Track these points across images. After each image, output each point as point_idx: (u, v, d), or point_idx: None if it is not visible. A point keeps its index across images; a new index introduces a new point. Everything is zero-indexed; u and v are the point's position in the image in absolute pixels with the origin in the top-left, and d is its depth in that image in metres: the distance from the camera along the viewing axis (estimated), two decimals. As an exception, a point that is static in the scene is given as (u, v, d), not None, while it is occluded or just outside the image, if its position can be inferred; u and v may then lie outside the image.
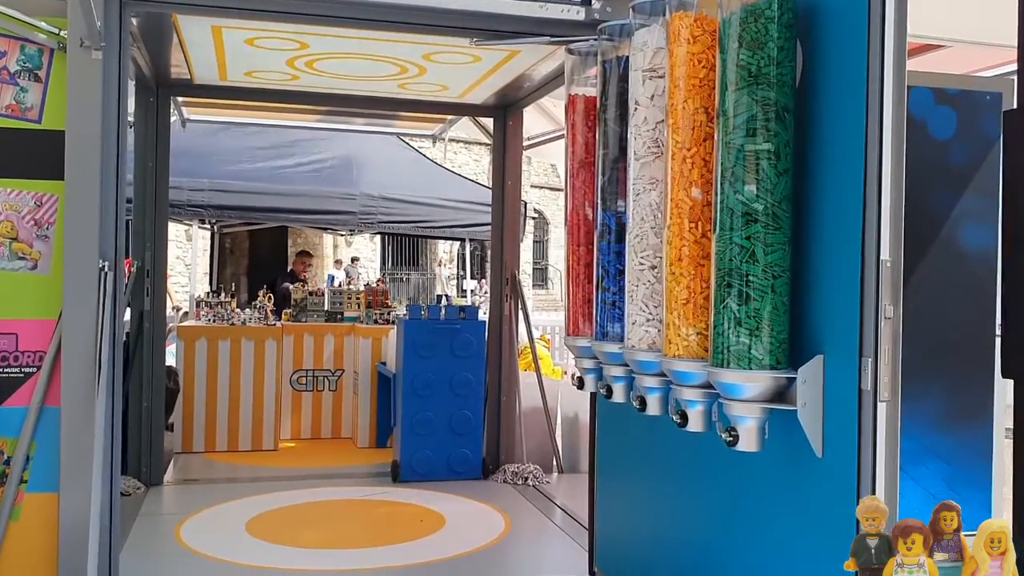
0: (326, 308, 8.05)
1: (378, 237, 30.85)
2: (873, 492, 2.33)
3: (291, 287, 8.13)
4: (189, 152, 8.26)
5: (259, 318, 7.51)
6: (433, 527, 5.10)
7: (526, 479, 6.16)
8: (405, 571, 4.36)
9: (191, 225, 10.49)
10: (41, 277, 3.83)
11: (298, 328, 7.88)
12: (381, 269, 30.32)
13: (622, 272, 3.44)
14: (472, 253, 35.93)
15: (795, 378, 2.56)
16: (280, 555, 4.58)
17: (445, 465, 6.22)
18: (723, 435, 2.65)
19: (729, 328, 2.60)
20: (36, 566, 3.80)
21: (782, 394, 2.60)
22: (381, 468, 6.63)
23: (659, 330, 3.14)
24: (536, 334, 7.28)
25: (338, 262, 20.07)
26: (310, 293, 8.10)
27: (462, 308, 6.36)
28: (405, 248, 32.85)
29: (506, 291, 6.49)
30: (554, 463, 6.63)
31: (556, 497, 5.79)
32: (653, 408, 3.23)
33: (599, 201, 3.54)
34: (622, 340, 3.41)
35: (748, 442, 2.62)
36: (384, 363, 7.44)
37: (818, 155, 2.59)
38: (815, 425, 2.53)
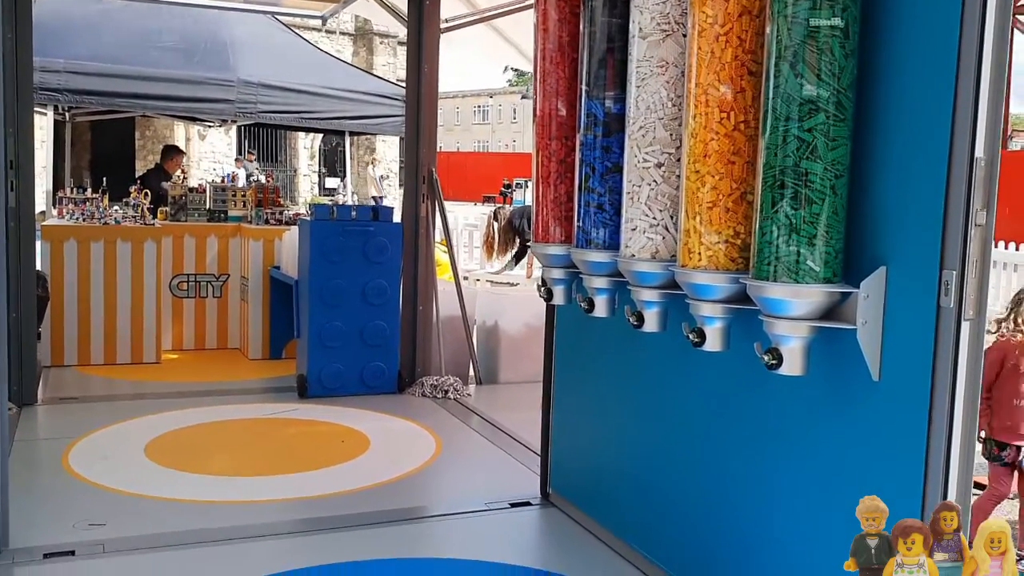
0: (208, 207, 7.29)
1: (234, 131, 29.14)
2: (950, 421, 2.08)
3: (168, 186, 7.30)
4: (42, 26, 7.16)
5: (135, 217, 6.71)
6: (357, 449, 4.68)
7: (446, 392, 5.80)
8: (334, 501, 3.93)
9: (44, 113, 9.30)
10: None
11: (177, 228, 7.11)
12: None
13: (611, 170, 3.05)
14: (334, 149, 34.74)
15: (850, 293, 2.26)
16: (188, 484, 4.06)
17: (358, 379, 5.76)
18: (764, 357, 2.34)
19: (780, 236, 2.26)
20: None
21: (832, 311, 2.31)
22: (282, 383, 6.12)
23: (664, 237, 2.79)
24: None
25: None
26: (190, 190, 7.31)
27: (375, 209, 5.81)
28: (264, 143, 31.24)
29: (423, 190, 5.98)
30: (471, 374, 6.30)
31: (481, 411, 5.47)
32: (652, 325, 2.90)
33: (583, 88, 3.10)
34: (608, 248, 3.05)
35: (793, 364, 2.32)
36: (278, 267, 6.82)
37: (894, 31, 2.24)
38: (874, 345, 2.25)
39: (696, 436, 2.99)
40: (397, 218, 6.03)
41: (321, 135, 32.04)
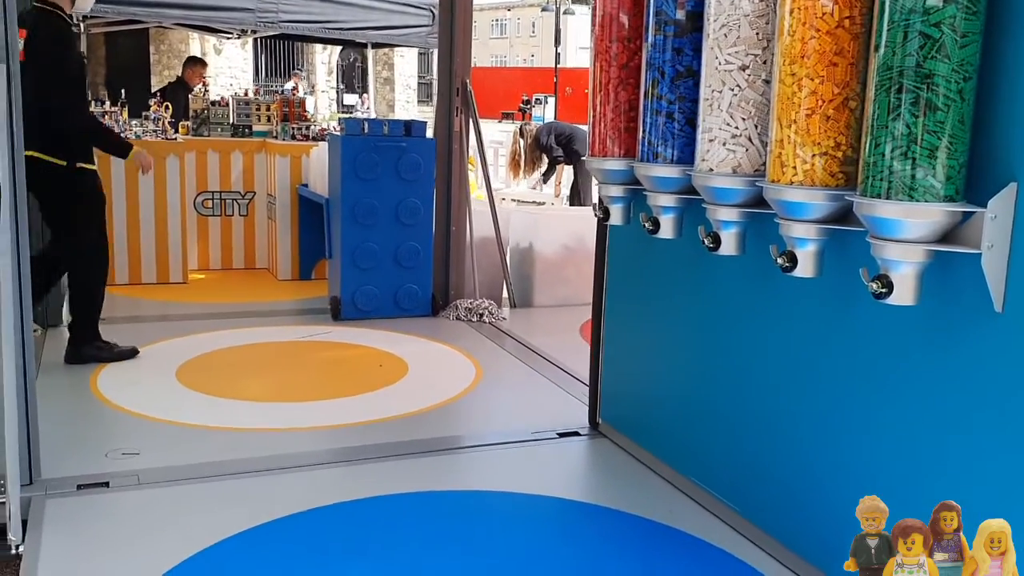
0: (232, 121, 7.01)
1: (251, 44, 28.53)
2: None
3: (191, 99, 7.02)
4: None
5: (156, 131, 6.45)
6: (395, 374, 4.50)
7: (481, 315, 5.60)
8: (374, 428, 3.76)
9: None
10: (-102, 67, 2.83)
11: (200, 144, 6.85)
12: (254, 80, 28.20)
13: (682, 75, 2.76)
14: (352, 64, 34.03)
15: (973, 213, 2.00)
16: (223, 410, 3.90)
17: (391, 301, 5.57)
18: (872, 284, 2.09)
19: (895, 148, 1.99)
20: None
21: (951, 234, 2.05)
22: (312, 304, 5.95)
23: (747, 149, 2.52)
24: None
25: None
26: (212, 103, 7.02)
27: (408, 124, 5.52)
28: (281, 58, 30.63)
29: (456, 103, 5.67)
30: (505, 297, 6.09)
31: (518, 336, 5.27)
32: (729, 247, 2.65)
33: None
34: (678, 162, 2.79)
35: (904, 293, 2.07)
36: (306, 185, 6.58)
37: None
38: (999, 273, 1.99)
39: (773, 369, 2.77)
40: (430, 133, 5.74)
41: (340, 48, 31.42)
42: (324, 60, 31.17)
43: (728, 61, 2.50)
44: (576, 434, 3.74)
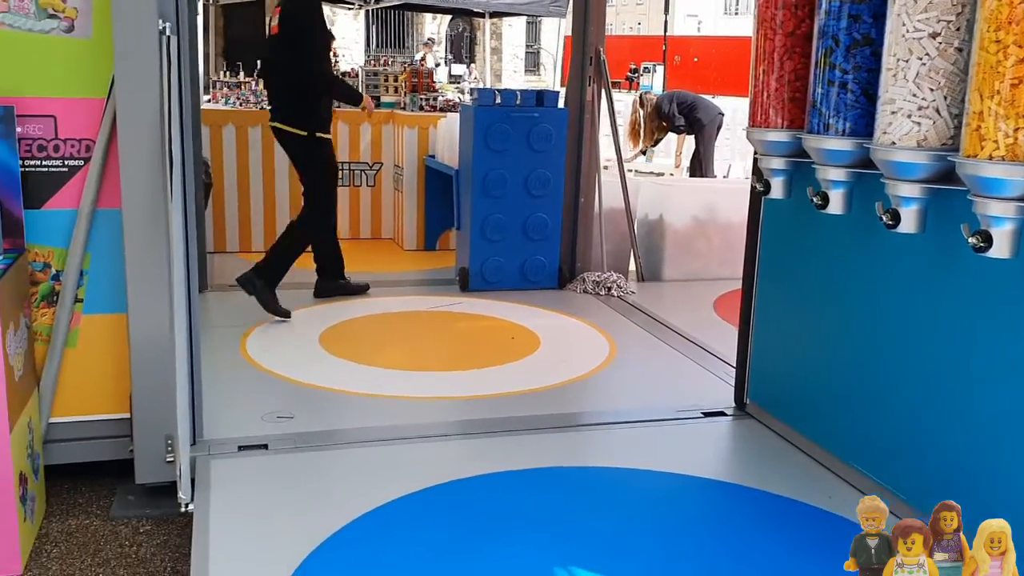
0: (363, 92, 7.08)
1: (362, 16, 28.91)
2: None
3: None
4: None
5: (290, 103, 6.57)
6: (528, 347, 4.50)
7: (609, 289, 5.55)
8: (510, 401, 3.76)
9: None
10: (80, 41, 2.93)
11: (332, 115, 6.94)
12: (365, 52, 28.57)
13: (859, 44, 2.64)
14: (461, 34, 34.11)
15: None
16: (364, 377, 3.97)
17: (519, 273, 5.57)
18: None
19: (1123, 120, 1.84)
20: (98, 399, 3.17)
21: None
22: (439, 275, 6.00)
23: (934, 122, 2.38)
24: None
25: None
26: (342, 74, 7.12)
27: (540, 93, 5.48)
28: (391, 28, 30.98)
29: (589, 72, 5.58)
30: (632, 270, 6.02)
31: (649, 311, 5.19)
32: (910, 224, 2.53)
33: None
34: (850, 134, 2.67)
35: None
36: (433, 156, 6.62)
37: None
38: None
39: (946, 351, 2.63)
40: (561, 104, 5.68)
41: (449, 19, 31.58)
42: (433, 31, 31.38)
43: (917, 28, 2.37)
44: (722, 414, 3.66)
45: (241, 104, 6.44)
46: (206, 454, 3.09)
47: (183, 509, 2.73)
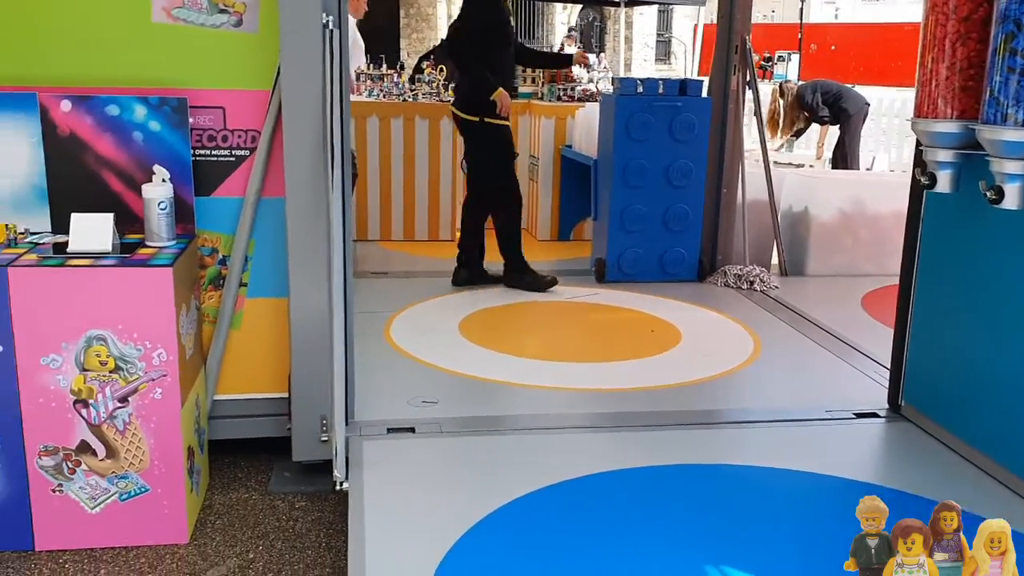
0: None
1: (497, 7, 29.14)
2: None
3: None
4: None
5: (431, 93, 6.70)
6: (668, 340, 4.44)
7: (751, 283, 5.42)
8: (650, 395, 3.72)
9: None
10: (248, 36, 3.07)
11: (470, 106, 7.03)
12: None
13: (1045, 28, 2.46)
14: (591, 23, 33.93)
15: None
16: (504, 365, 4.01)
17: (657, 265, 5.51)
18: None
19: None
20: (259, 379, 3.31)
21: None
22: (573, 265, 5.99)
23: None
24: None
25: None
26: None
27: (683, 82, 5.39)
28: (522, 18, 31.12)
29: (734, 61, 5.46)
30: (774, 264, 5.86)
31: (794, 306, 5.04)
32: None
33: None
34: (1031, 125, 2.50)
35: None
36: (570, 146, 6.62)
37: None
38: None
39: None
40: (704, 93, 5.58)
41: (580, 8, 31.46)
42: (563, 20, 31.35)
43: (1116, 9, 2.20)
44: (875, 415, 3.52)
45: (384, 96, 6.59)
46: (357, 435, 3.19)
47: (338, 487, 2.82)
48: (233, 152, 3.13)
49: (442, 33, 26.20)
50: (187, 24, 3.02)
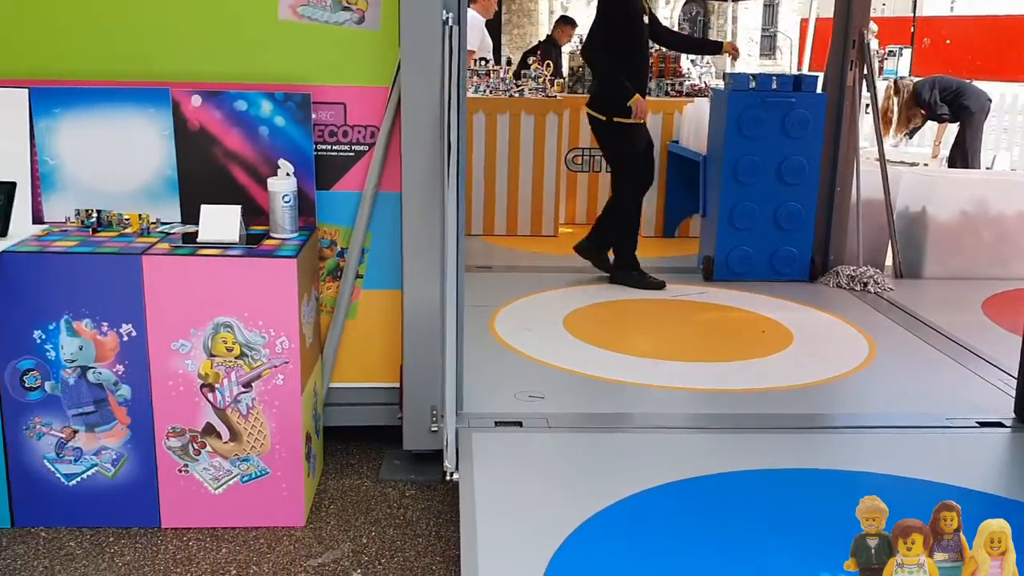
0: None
1: (595, 2, 29.09)
2: None
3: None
4: None
5: (536, 89, 6.72)
6: (779, 342, 4.35)
7: (865, 284, 5.25)
8: (761, 397, 3.65)
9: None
10: (369, 32, 3.13)
11: (574, 101, 7.02)
12: (583, 42, 28.68)
13: None
14: (694, 18, 33.45)
15: None
16: (609, 362, 3.99)
17: (767, 264, 5.39)
18: None
19: None
20: (374, 367, 3.39)
21: None
22: (679, 263, 5.93)
23: None
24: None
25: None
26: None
27: (798, 78, 5.26)
28: (624, 13, 30.86)
29: (851, 56, 5.29)
30: (888, 265, 5.66)
31: (911, 310, 4.86)
32: None
33: None
34: None
35: None
36: (677, 141, 6.54)
37: None
38: None
39: None
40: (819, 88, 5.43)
41: (683, 2, 31.04)
42: (667, 15, 31.01)
43: None
44: (1000, 425, 3.37)
45: (490, 92, 6.64)
46: (466, 427, 3.22)
47: (448, 477, 2.87)
48: (352, 147, 3.21)
49: (544, 29, 26.24)
50: (312, 21, 3.10)
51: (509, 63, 6.94)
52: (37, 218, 3.05)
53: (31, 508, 2.84)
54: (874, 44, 14.60)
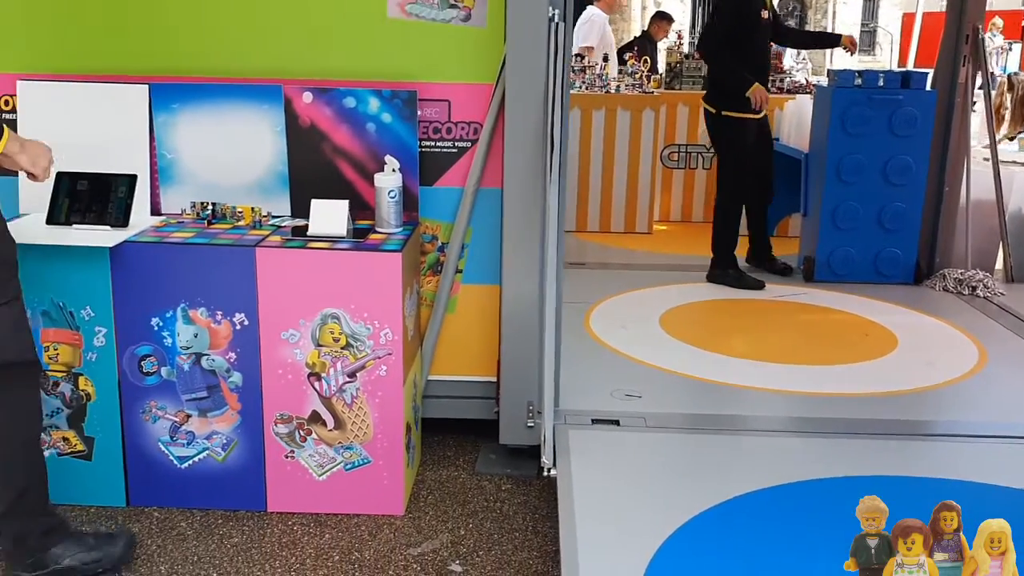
0: (704, 74, 7.01)
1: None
2: None
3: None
4: None
5: (634, 84, 6.68)
6: (883, 346, 4.22)
7: (973, 288, 5.05)
8: (865, 402, 3.55)
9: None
10: (475, 30, 3.16)
11: (672, 97, 6.97)
12: (690, 33, 28.26)
13: None
14: (791, 11, 32.68)
15: None
16: (707, 362, 3.94)
17: (870, 265, 5.24)
18: None
19: None
20: (471, 361, 3.42)
21: None
22: (780, 262, 5.79)
23: None
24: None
25: None
26: (686, 56, 7.09)
27: (906, 75, 5.09)
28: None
29: (964, 51, 5.10)
30: (999, 269, 5.44)
31: (1021, 313, 4.66)
32: None
33: None
34: None
35: None
36: (777, 139, 6.39)
37: None
38: None
39: None
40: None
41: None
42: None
43: None
44: (1124, 439, 3.22)
45: (586, 88, 6.62)
46: (563, 423, 3.23)
47: (545, 473, 2.87)
48: (456, 144, 3.25)
49: (637, 25, 25.98)
50: (419, 19, 3.15)
51: (606, 59, 6.90)
52: (155, 210, 3.17)
53: (145, 488, 2.96)
54: (999, 40, 13.93)
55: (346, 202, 2.93)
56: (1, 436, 2.39)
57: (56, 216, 2.92)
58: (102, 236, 2.81)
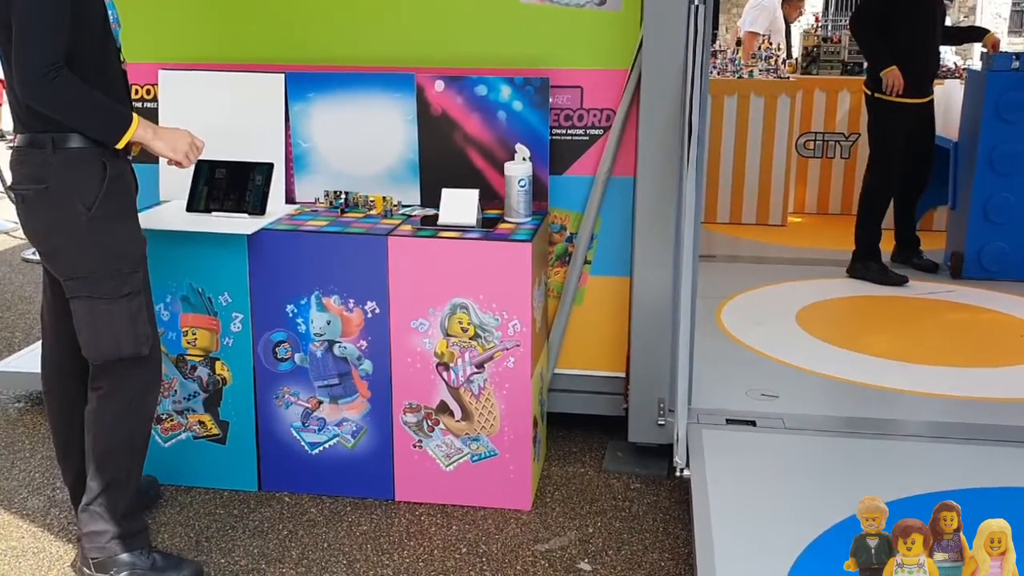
0: (843, 59, 6.70)
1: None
2: None
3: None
4: None
5: (768, 69, 6.42)
6: (1043, 348, 3.92)
7: None
8: (1018, 407, 3.29)
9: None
10: (610, 14, 3.07)
11: (808, 83, 6.67)
12: (823, 15, 27.19)
13: None
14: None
15: None
16: (847, 362, 3.73)
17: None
18: None
19: None
20: (598, 355, 3.34)
21: None
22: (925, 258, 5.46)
23: None
24: None
25: None
26: (824, 39, 6.78)
27: (1071, 56, 4.71)
28: (844, -1, 29.15)
29: None
30: None
31: None
32: None
33: None
34: None
35: None
36: (923, 127, 6.04)
37: None
38: None
39: None
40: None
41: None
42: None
43: None
44: None
45: (719, 73, 6.41)
46: (695, 422, 3.11)
47: (678, 474, 2.78)
48: (587, 131, 3.16)
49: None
50: (553, 4, 3.07)
51: (739, 43, 6.67)
52: (289, 198, 3.22)
53: (277, 473, 3.01)
54: None
55: (476, 191, 2.90)
56: (105, 427, 2.40)
57: (195, 203, 2.99)
58: (240, 223, 2.86)
